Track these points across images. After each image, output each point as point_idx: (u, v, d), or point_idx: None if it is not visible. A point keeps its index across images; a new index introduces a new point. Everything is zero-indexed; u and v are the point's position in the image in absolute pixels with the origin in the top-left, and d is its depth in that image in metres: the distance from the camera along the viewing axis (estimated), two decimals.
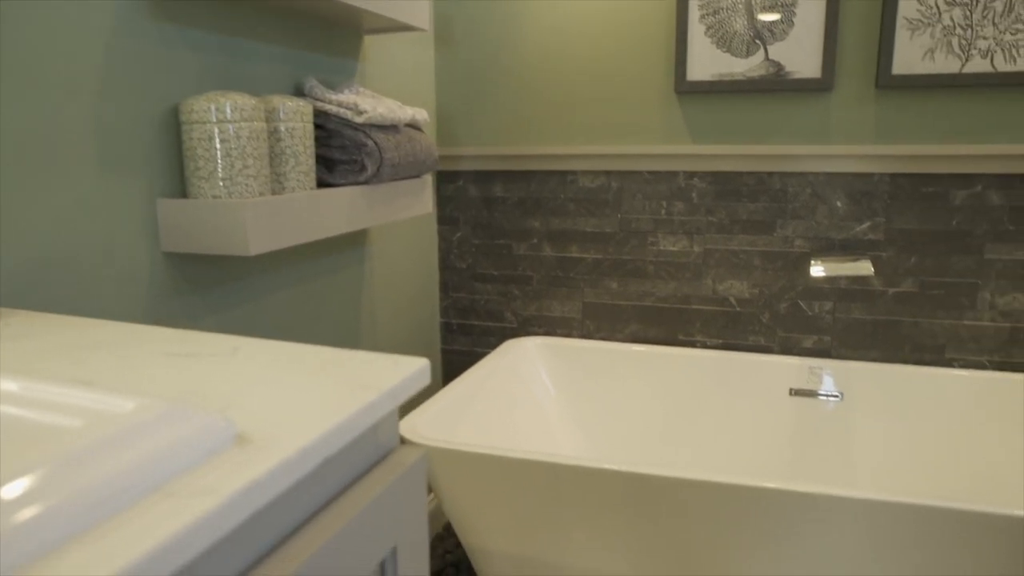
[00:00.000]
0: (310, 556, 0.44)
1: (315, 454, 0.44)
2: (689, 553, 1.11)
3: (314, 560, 0.45)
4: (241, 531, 0.41)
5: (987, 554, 0.99)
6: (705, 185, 1.68)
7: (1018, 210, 1.52)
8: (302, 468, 0.43)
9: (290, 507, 0.45)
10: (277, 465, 0.41)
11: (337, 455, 0.49)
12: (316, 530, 0.46)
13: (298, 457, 0.42)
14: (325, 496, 0.49)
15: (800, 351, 1.69)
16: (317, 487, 0.48)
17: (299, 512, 0.46)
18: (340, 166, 1.25)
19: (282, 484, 0.41)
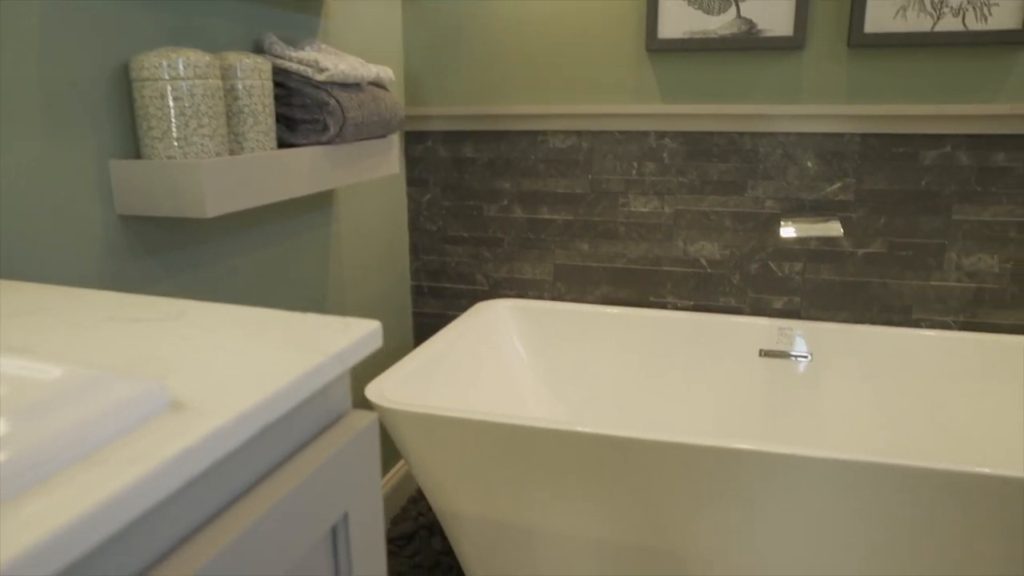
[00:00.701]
0: (253, 522, 0.43)
1: (254, 420, 0.42)
2: (658, 514, 1.12)
3: (257, 527, 0.44)
4: (176, 499, 0.40)
5: (953, 511, 1.01)
6: (676, 145, 1.66)
7: (985, 171, 1.52)
8: (240, 434, 0.41)
9: (231, 473, 0.44)
10: (212, 431, 0.39)
11: (281, 420, 0.47)
12: (260, 497, 0.45)
13: (235, 423, 0.41)
14: (271, 462, 0.48)
15: (770, 312, 1.70)
16: (261, 453, 0.46)
17: (242, 478, 0.45)
18: (302, 125, 1.22)
19: (218, 451, 0.40)
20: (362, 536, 0.55)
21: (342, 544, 0.53)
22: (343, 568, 0.54)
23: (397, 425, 1.19)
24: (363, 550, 0.55)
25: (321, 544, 0.52)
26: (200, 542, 0.41)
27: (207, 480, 0.42)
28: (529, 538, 1.21)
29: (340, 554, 0.54)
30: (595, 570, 1.20)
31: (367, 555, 0.56)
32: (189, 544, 0.41)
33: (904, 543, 1.04)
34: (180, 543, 0.41)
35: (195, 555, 0.40)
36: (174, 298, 1.07)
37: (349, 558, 0.54)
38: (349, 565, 0.54)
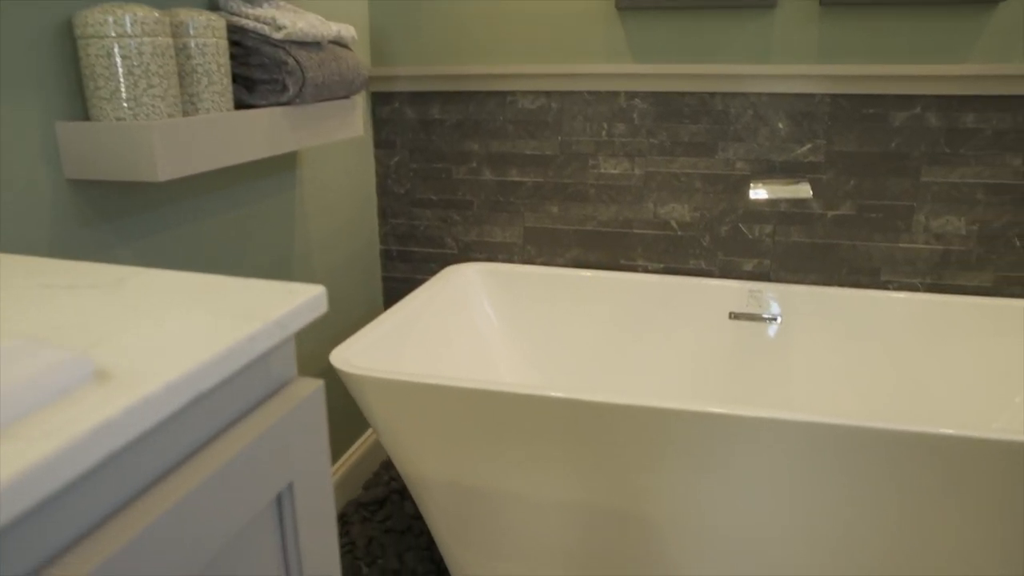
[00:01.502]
0: (188, 494, 0.42)
1: (184, 389, 0.41)
2: (628, 478, 1.12)
3: (193, 498, 0.42)
4: (101, 471, 0.39)
5: (920, 472, 1.02)
6: (646, 106, 1.64)
7: (954, 132, 1.52)
8: (169, 405, 0.40)
9: (165, 445, 0.43)
10: (136, 403, 0.38)
11: (216, 390, 0.46)
12: (196, 467, 0.44)
13: (163, 393, 0.39)
14: (209, 432, 0.46)
15: (740, 274, 1.70)
16: (198, 423, 0.45)
17: (177, 449, 0.44)
18: (260, 86, 1.19)
19: (145, 422, 0.39)
20: (309, 506, 0.54)
21: (288, 514, 0.52)
22: (289, 539, 0.53)
23: (363, 392, 1.18)
24: (310, 520, 0.54)
25: (265, 514, 0.51)
26: (130, 515, 0.40)
27: (135, 452, 0.41)
28: (497, 503, 1.21)
29: (286, 525, 0.53)
30: (563, 534, 1.20)
31: (315, 525, 0.55)
32: (118, 518, 0.40)
33: (873, 504, 1.05)
34: (107, 518, 0.39)
35: (122, 529, 0.39)
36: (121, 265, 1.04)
37: (296, 528, 0.53)
38: (296, 536, 0.53)
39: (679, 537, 1.15)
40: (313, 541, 0.55)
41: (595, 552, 1.21)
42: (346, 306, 1.74)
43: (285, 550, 0.53)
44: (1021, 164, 1.51)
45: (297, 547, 0.53)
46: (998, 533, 1.03)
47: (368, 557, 1.62)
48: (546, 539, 1.22)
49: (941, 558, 1.07)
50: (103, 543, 0.38)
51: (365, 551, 1.63)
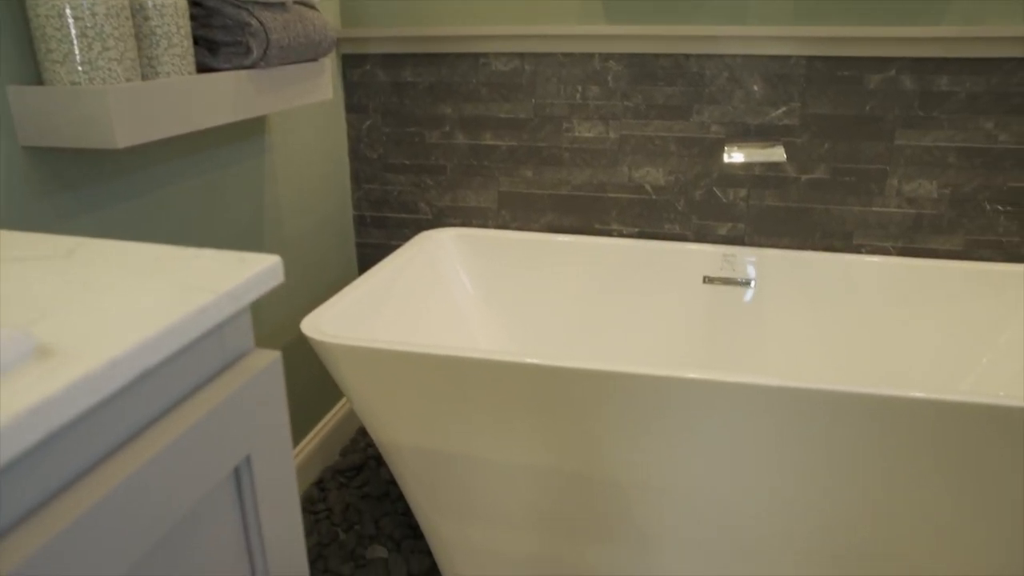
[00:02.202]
0: (139, 468, 0.41)
1: (130, 365, 0.40)
2: (599, 442, 1.12)
3: (145, 472, 0.42)
4: (45, 449, 0.38)
5: (893, 435, 1.03)
6: (621, 68, 1.62)
7: (928, 95, 1.52)
8: (113, 381, 0.39)
9: (114, 420, 0.42)
10: (79, 379, 0.37)
11: (165, 364, 0.45)
12: (147, 442, 0.43)
13: (107, 369, 0.38)
14: (161, 406, 0.45)
15: (715, 238, 1.70)
16: (148, 398, 0.44)
17: (127, 424, 0.43)
18: (223, 48, 1.16)
19: (88, 399, 0.38)
20: (268, 477, 0.53)
21: (246, 486, 0.52)
22: (249, 511, 0.52)
23: (334, 359, 1.17)
24: (270, 492, 0.54)
25: (223, 487, 0.51)
26: (78, 492, 0.39)
27: (82, 428, 0.40)
28: (470, 467, 1.22)
29: (245, 497, 0.52)
30: (534, 496, 1.21)
31: (275, 496, 0.54)
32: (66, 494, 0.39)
33: (841, 467, 1.07)
34: (54, 495, 0.39)
35: (72, 505, 0.38)
36: (80, 236, 1.02)
37: (255, 500, 0.52)
38: (255, 507, 0.52)
39: (645, 499, 1.17)
40: (274, 512, 0.54)
41: (564, 513, 1.22)
42: (320, 273, 1.72)
43: (245, 522, 0.53)
44: (993, 127, 1.51)
45: (258, 519, 0.53)
46: (967, 494, 1.05)
47: (345, 523, 1.62)
48: (517, 502, 1.23)
49: (909, 519, 1.09)
50: (51, 520, 0.37)
51: (342, 517, 1.64)
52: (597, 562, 1.26)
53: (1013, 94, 1.48)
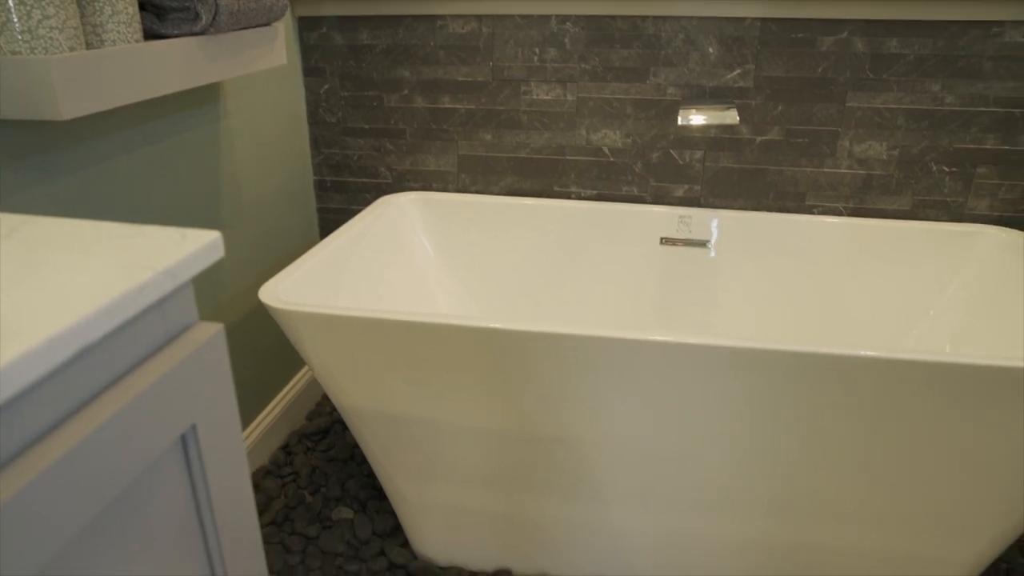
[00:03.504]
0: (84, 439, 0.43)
1: (69, 342, 0.41)
2: (548, 401, 1.16)
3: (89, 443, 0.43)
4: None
5: (845, 393, 1.07)
6: (578, 30, 1.62)
7: (879, 57, 1.54)
8: (53, 358, 0.40)
9: (57, 395, 0.43)
10: (18, 357, 0.38)
11: (106, 340, 0.46)
12: (91, 414, 0.45)
13: (45, 347, 0.40)
14: (104, 380, 0.47)
15: (671, 200, 1.72)
16: (88, 374, 0.46)
17: (70, 399, 0.44)
18: (171, 14, 1.14)
19: (29, 376, 0.39)
20: (215, 444, 0.55)
21: (193, 454, 0.54)
22: (197, 477, 0.54)
23: (293, 326, 1.19)
24: (217, 458, 0.56)
25: (171, 453, 0.52)
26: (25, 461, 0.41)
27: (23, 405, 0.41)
28: (430, 429, 1.24)
29: (193, 463, 0.54)
30: (493, 455, 1.25)
31: (223, 463, 0.56)
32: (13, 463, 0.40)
33: (793, 422, 1.11)
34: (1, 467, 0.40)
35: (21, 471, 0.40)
36: (27, 212, 1.02)
37: (203, 467, 0.54)
38: (203, 474, 0.54)
39: (599, 454, 1.20)
40: (222, 477, 0.56)
41: (521, 470, 1.25)
42: (281, 239, 1.72)
43: (194, 486, 0.55)
44: (939, 90, 1.54)
45: (206, 483, 0.55)
46: (907, 442, 1.10)
47: (312, 486, 1.65)
48: (476, 461, 1.26)
49: (851, 468, 1.14)
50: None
51: (308, 480, 1.67)
52: (553, 515, 1.31)
53: (958, 57, 1.51)
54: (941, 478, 1.13)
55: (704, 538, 1.28)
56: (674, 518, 1.26)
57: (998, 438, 1.07)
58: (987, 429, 1.06)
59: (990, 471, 1.11)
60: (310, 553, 1.46)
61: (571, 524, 1.31)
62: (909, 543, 1.22)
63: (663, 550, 1.31)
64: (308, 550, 1.47)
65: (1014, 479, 1.11)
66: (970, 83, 1.53)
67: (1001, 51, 1.49)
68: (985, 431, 1.06)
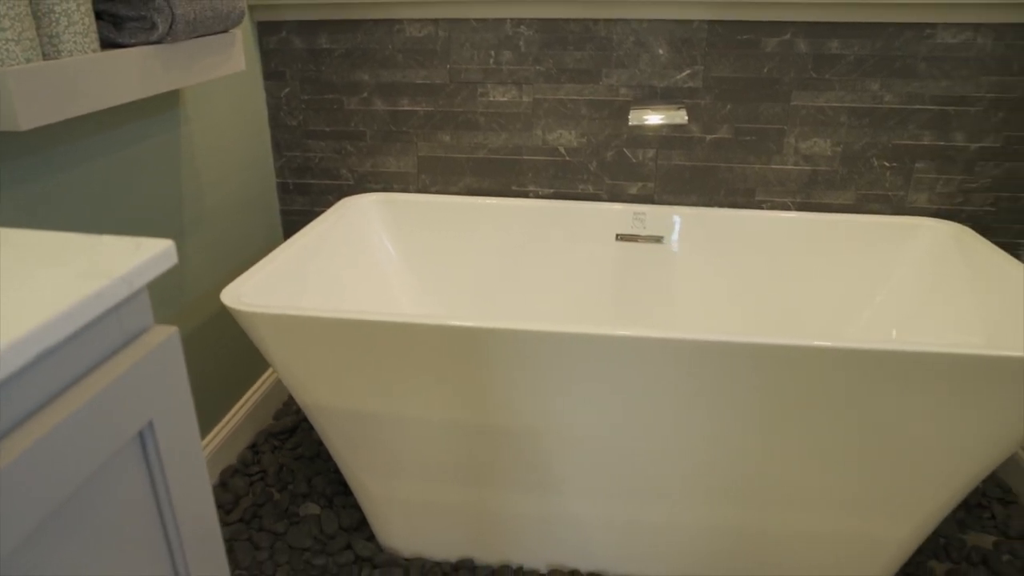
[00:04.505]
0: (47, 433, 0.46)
1: (30, 346, 0.45)
2: (507, 395, 1.20)
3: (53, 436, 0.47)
4: None
5: (795, 383, 1.12)
6: (532, 33, 1.66)
7: (821, 58, 1.60)
8: (13, 362, 0.44)
9: (16, 396, 0.47)
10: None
11: (66, 343, 0.50)
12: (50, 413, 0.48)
13: (5, 352, 0.43)
14: (63, 381, 0.50)
15: (626, 197, 1.78)
16: (50, 374, 0.49)
17: (31, 399, 0.48)
18: (128, 23, 1.17)
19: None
20: (172, 440, 0.59)
21: (151, 449, 0.57)
22: (155, 470, 0.58)
23: (255, 327, 1.22)
24: (175, 452, 0.59)
25: (129, 448, 0.56)
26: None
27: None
28: (393, 425, 1.28)
29: (151, 458, 0.58)
30: (455, 450, 1.29)
31: (180, 456, 0.60)
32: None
33: (742, 411, 1.16)
34: None
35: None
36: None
37: (160, 461, 0.58)
38: (161, 467, 0.58)
39: (557, 446, 1.25)
40: (180, 470, 0.60)
41: (482, 464, 1.30)
42: (245, 242, 1.74)
43: (152, 479, 0.58)
44: (879, 88, 1.61)
45: (164, 476, 0.58)
46: (853, 433, 1.16)
47: (279, 483, 1.68)
48: (439, 456, 1.30)
49: (798, 453, 1.20)
50: None
51: (276, 478, 1.70)
52: (514, 507, 1.35)
53: (895, 57, 1.58)
54: (883, 461, 1.19)
55: (660, 526, 1.33)
56: (631, 508, 1.31)
57: (933, 421, 1.13)
58: (922, 413, 1.12)
59: (926, 453, 1.17)
60: (278, 549, 1.49)
61: (531, 515, 1.36)
62: (855, 523, 1.28)
63: (620, 539, 1.36)
64: (276, 546, 1.50)
65: (946, 459, 1.18)
66: (907, 82, 1.60)
67: (934, 52, 1.56)
68: (920, 415, 1.13)
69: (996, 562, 1.43)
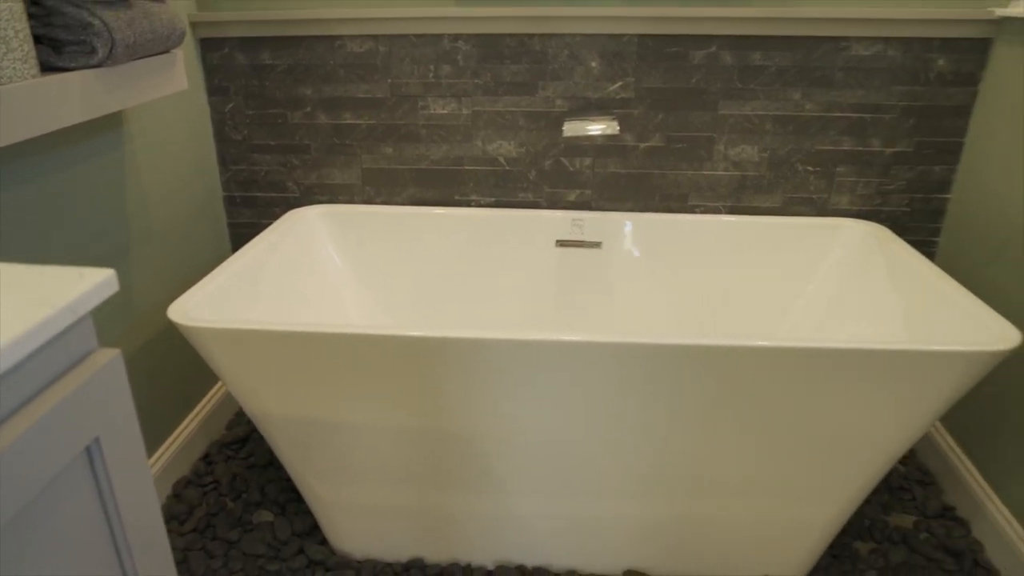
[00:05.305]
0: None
1: None
2: (450, 401, 1.25)
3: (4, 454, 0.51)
4: None
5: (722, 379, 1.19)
6: (470, 48, 1.72)
7: (745, 69, 1.69)
8: None
9: None
10: None
11: (16, 368, 0.54)
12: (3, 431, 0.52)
13: None
14: (14, 402, 0.54)
15: (565, 204, 1.84)
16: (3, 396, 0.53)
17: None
18: (68, 48, 1.19)
19: None
20: (118, 454, 0.63)
21: (99, 463, 0.61)
22: (102, 481, 0.62)
23: (202, 342, 1.25)
24: (121, 467, 0.63)
25: (77, 463, 0.60)
26: None
27: None
28: (341, 432, 1.33)
29: (98, 472, 0.62)
30: (402, 454, 1.34)
31: (127, 470, 0.64)
32: None
33: (674, 409, 1.23)
34: None
35: None
36: None
37: (107, 472, 0.62)
38: (108, 480, 0.62)
39: (500, 448, 1.31)
40: (127, 482, 0.64)
41: (429, 467, 1.35)
42: (194, 257, 1.77)
43: (100, 491, 0.62)
44: (800, 97, 1.70)
45: (111, 488, 0.63)
46: (779, 425, 1.24)
47: (233, 492, 1.71)
48: (386, 460, 1.35)
49: (732, 451, 1.28)
50: None
51: (229, 487, 1.73)
52: (462, 507, 1.40)
53: (815, 68, 1.67)
54: (810, 449, 1.27)
55: (602, 521, 1.40)
56: (573, 504, 1.38)
57: (855, 410, 1.21)
58: (846, 403, 1.21)
59: (848, 440, 1.25)
60: (232, 556, 1.52)
61: (478, 514, 1.41)
62: (784, 508, 1.36)
63: (563, 534, 1.43)
64: (230, 554, 1.53)
65: (866, 444, 1.26)
66: (826, 92, 1.69)
67: (849, 63, 1.66)
68: (844, 405, 1.21)
69: (915, 540, 1.53)
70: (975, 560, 1.48)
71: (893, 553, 1.50)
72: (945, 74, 1.65)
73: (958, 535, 1.54)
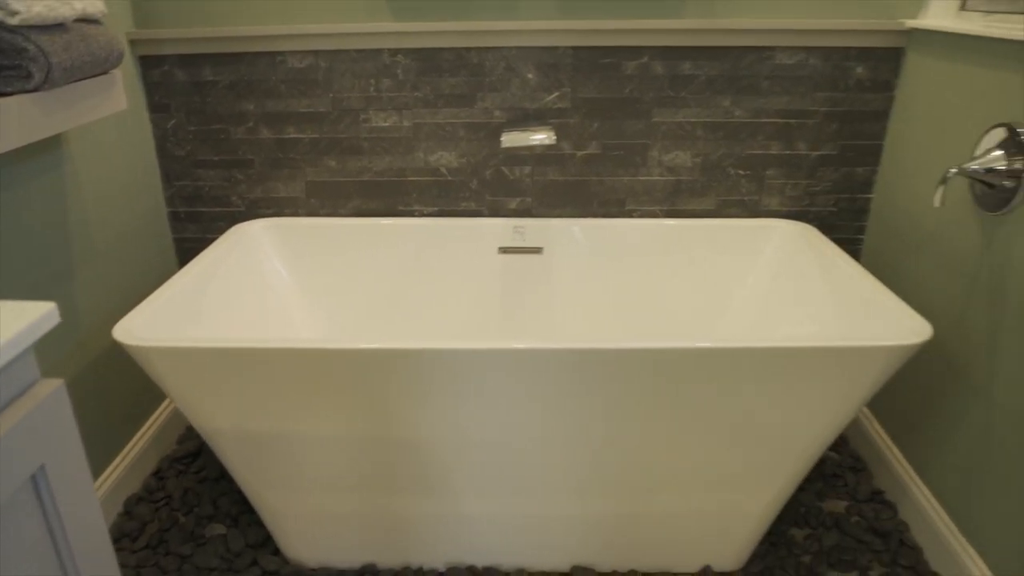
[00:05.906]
0: None
1: None
2: (398, 410, 1.29)
3: None
4: None
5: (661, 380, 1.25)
6: (409, 62, 1.76)
7: (676, 78, 1.75)
8: None
9: None
10: None
11: None
12: None
13: None
14: None
15: (506, 212, 1.89)
16: None
17: None
18: (3, 72, 1.20)
19: None
20: (64, 480, 0.65)
21: (44, 489, 0.64)
22: (49, 507, 0.65)
23: (148, 361, 1.27)
24: (67, 491, 0.66)
25: (23, 490, 0.63)
26: None
27: None
28: (290, 443, 1.35)
29: (44, 497, 0.64)
30: (351, 462, 1.37)
31: (72, 494, 0.67)
32: None
33: (613, 411, 1.28)
34: None
35: None
36: None
37: (53, 499, 0.65)
38: (54, 504, 0.65)
39: (447, 453, 1.35)
40: (73, 506, 0.67)
41: (378, 473, 1.38)
42: (140, 273, 1.77)
43: (46, 515, 0.65)
44: (729, 105, 1.77)
45: (57, 512, 0.65)
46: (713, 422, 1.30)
47: (185, 507, 1.72)
48: (336, 469, 1.38)
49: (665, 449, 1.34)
50: None
51: (181, 502, 1.74)
52: (412, 512, 1.44)
53: (742, 76, 1.74)
54: (744, 442, 1.34)
55: (548, 519, 1.45)
56: (520, 504, 1.42)
57: (786, 404, 1.28)
58: (778, 398, 1.27)
59: (780, 431, 1.32)
60: (185, 571, 1.54)
61: (428, 518, 1.45)
62: (722, 499, 1.42)
63: (511, 534, 1.47)
64: (183, 568, 1.55)
65: (797, 435, 1.33)
66: (753, 99, 1.76)
67: (774, 72, 1.73)
68: (776, 399, 1.28)
69: (846, 524, 1.61)
70: (901, 540, 1.57)
71: (826, 537, 1.58)
72: (863, 81, 1.74)
73: (886, 517, 1.62)
